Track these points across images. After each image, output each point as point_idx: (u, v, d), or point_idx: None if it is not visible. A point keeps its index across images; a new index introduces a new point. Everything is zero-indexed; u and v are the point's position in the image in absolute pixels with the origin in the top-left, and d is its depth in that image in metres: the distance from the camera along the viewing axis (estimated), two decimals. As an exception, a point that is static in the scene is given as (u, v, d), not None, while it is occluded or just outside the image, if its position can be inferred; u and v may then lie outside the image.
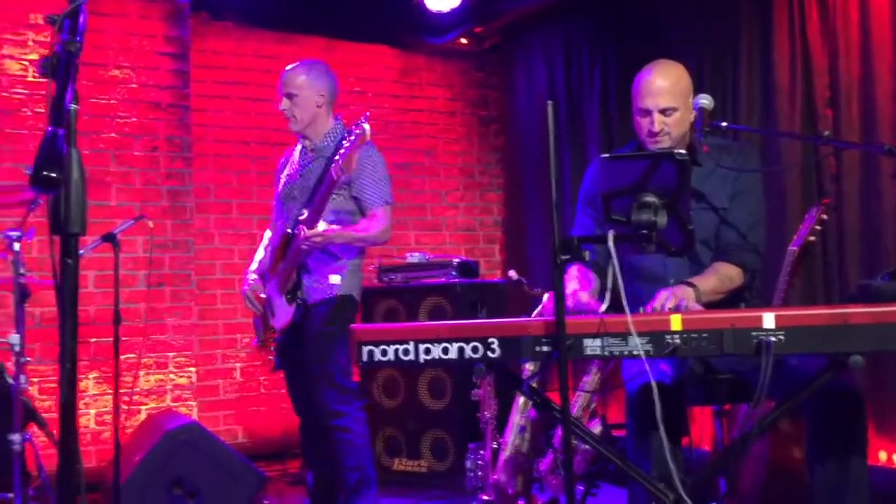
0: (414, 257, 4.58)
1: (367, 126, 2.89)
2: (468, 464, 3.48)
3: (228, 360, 5.00)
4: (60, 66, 1.35)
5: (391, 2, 5.08)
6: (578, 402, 3.16)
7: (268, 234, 3.53)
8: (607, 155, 2.23)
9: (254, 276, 3.41)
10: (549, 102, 1.92)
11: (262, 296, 3.35)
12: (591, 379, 3.19)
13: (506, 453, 3.26)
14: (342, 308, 3.24)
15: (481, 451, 3.42)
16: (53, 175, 1.19)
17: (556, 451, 3.13)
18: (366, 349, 2.14)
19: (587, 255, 1.97)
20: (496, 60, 5.91)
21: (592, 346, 2.00)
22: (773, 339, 1.88)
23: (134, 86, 4.62)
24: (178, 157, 4.73)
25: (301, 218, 3.13)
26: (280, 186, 3.43)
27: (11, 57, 4.34)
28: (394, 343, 2.12)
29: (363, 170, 3.16)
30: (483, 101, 5.95)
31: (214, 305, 4.98)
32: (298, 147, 3.40)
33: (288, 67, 3.32)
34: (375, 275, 4.56)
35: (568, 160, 5.13)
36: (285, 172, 3.44)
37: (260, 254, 3.48)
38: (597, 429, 3.11)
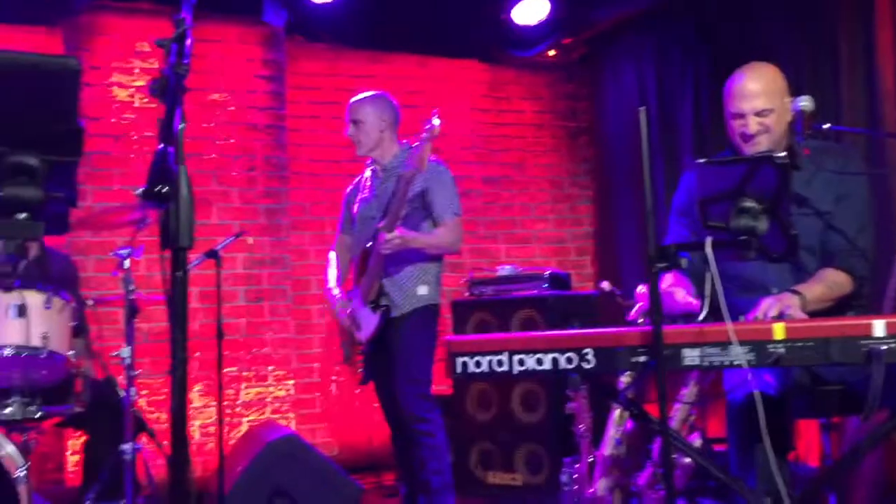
0: (505, 270, 4.58)
1: (436, 121, 3.09)
2: (563, 478, 3.44)
3: (325, 374, 5.10)
4: (169, 89, 1.41)
5: (480, 17, 5.12)
6: (677, 414, 3.09)
7: (332, 256, 3.66)
8: (704, 160, 2.18)
9: (337, 290, 3.55)
10: (642, 109, 1.90)
11: (349, 310, 3.46)
12: (690, 391, 3.12)
13: (602, 467, 3.21)
14: (427, 317, 3.38)
15: (577, 465, 3.38)
16: (165, 190, 1.25)
17: (654, 465, 3.06)
18: (459, 360, 2.16)
19: (684, 262, 1.94)
20: (584, 71, 5.87)
21: (691, 356, 1.96)
22: (883, 347, 1.80)
23: (232, 108, 4.79)
24: (274, 176, 4.88)
25: (379, 226, 3.25)
26: (356, 210, 3.59)
27: (120, 84, 4.57)
28: (488, 354, 2.13)
29: (433, 183, 3.33)
30: (571, 113, 5.92)
31: (310, 320, 5.10)
32: (368, 172, 3.60)
33: (353, 99, 3.54)
34: (466, 288, 4.58)
35: (661, 168, 5.05)
36: (358, 197, 3.60)
37: (332, 273, 3.61)
38: (696, 442, 3.03)
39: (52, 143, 1.22)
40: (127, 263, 3.17)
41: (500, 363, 2.12)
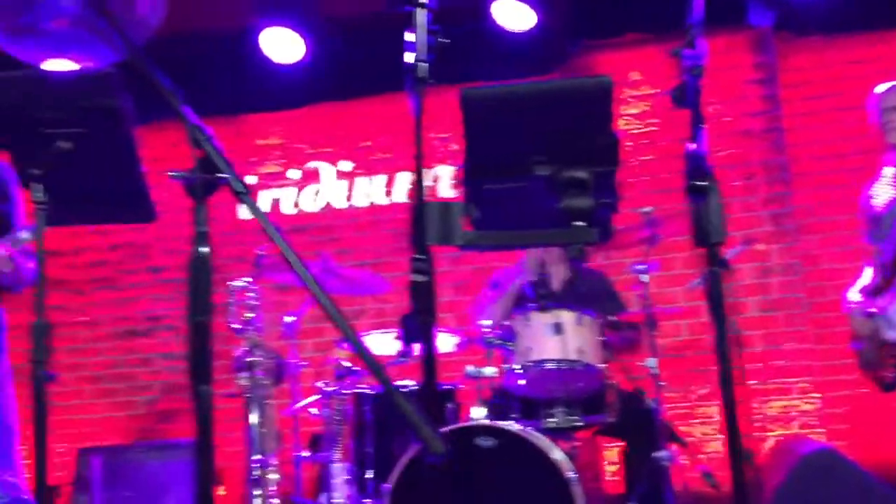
0: None
1: None
2: None
3: (856, 386, 4.68)
4: (688, 92, 1.47)
5: None
6: None
7: (868, 271, 3.35)
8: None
9: (857, 295, 3.26)
10: None
11: (871, 310, 3.16)
12: None
13: None
14: None
15: None
16: (703, 184, 1.29)
17: None
18: None
19: None
20: None
21: None
22: None
23: (728, 119, 4.75)
24: (775, 180, 4.70)
25: None
26: (882, 209, 3.28)
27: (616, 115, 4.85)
28: None
29: None
30: None
31: (833, 328, 4.74)
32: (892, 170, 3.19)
33: (882, 87, 3.33)
34: None
35: None
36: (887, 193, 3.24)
37: (867, 273, 3.31)
38: None
39: (594, 155, 1.35)
40: (645, 278, 3.32)
41: None
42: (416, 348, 1.36)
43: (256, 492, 3.15)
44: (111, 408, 5.38)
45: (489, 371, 3.27)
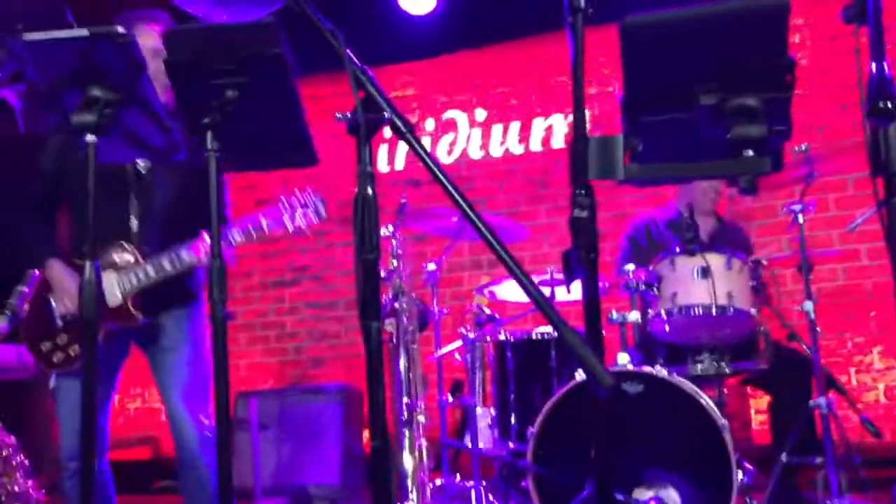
0: None
1: None
2: None
3: None
4: (869, 7, 1.36)
5: None
6: None
7: None
8: None
9: None
10: None
11: None
12: None
13: None
14: None
15: None
16: (888, 107, 1.21)
17: None
18: None
19: None
20: None
21: None
22: None
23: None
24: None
25: None
26: None
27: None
28: None
29: None
30: None
31: None
32: None
33: None
34: None
35: None
36: None
37: None
38: None
39: (767, 81, 1.28)
40: (801, 218, 3.16)
41: None
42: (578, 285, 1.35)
43: (406, 434, 3.25)
44: (263, 354, 5.66)
45: (633, 317, 3.22)
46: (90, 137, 1.58)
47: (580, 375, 3.24)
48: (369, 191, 1.31)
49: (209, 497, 2.54)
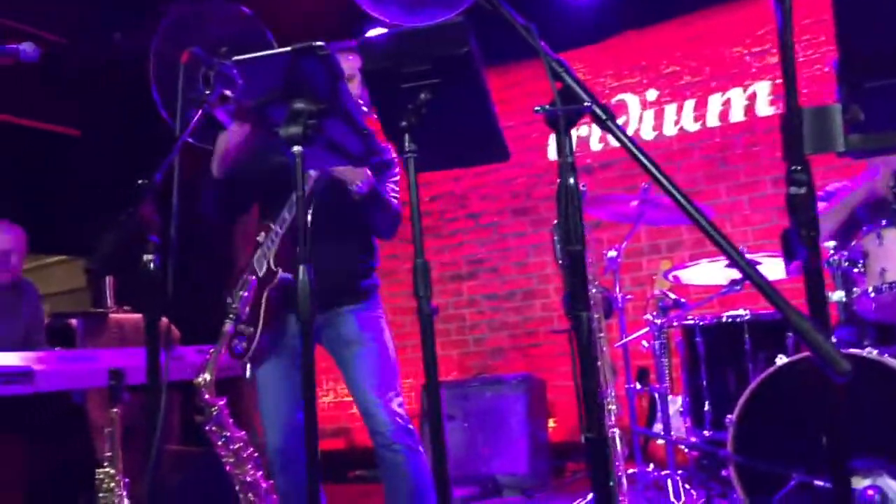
0: None
1: None
2: None
3: None
4: None
5: None
6: None
7: None
8: None
9: None
10: None
11: None
12: None
13: None
14: None
15: None
16: None
17: None
18: None
19: None
20: None
21: None
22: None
23: None
24: None
25: None
26: None
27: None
28: None
29: None
30: None
31: None
32: None
33: None
34: None
35: None
36: None
37: None
38: None
39: None
40: None
41: None
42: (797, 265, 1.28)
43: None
44: (445, 346, 5.79)
45: (836, 296, 3.03)
46: (297, 148, 1.66)
47: (781, 360, 3.09)
48: (571, 181, 1.30)
49: (408, 482, 2.62)
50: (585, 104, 1.28)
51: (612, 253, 3.78)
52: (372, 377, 2.67)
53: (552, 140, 5.57)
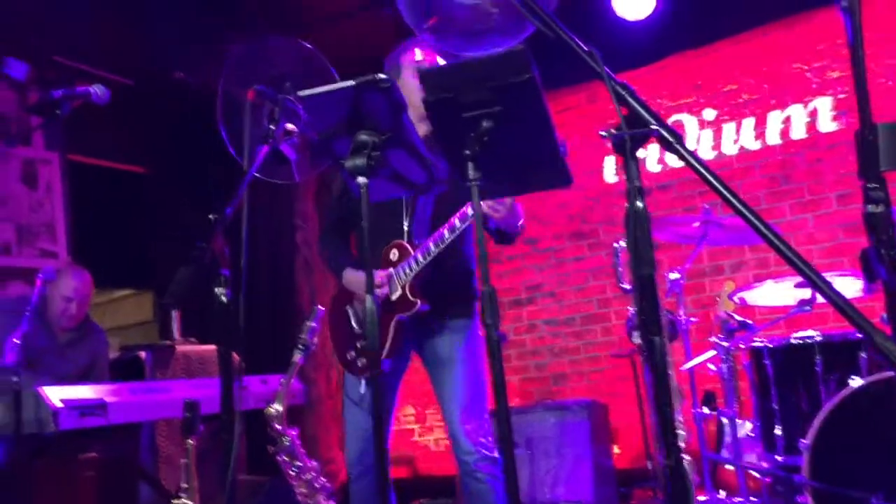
0: None
1: None
2: None
3: None
4: None
5: None
6: None
7: None
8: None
9: None
10: None
11: None
12: None
13: None
14: None
15: None
16: None
17: None
18: None
19: None
20: None
21: None
22: None
23: None
24: None
25: None
26: None
27: None
28: None
29: None
30: None
31: None
32: None
33: None
34: None
35: None
36: None
37: None
38: None
39: None
40: None
41: None
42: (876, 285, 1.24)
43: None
44: (507, 372, 5.74)
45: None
46: (362, 180, 1.69)
47: (855, 381, 2.99)
48: (639, 205, 1.29)
49: (489, 509, 2.60)
50: (652, 127, 1.28)
51: (675, 275, 3.72)
52: (462, 402, 2.66)
53: (607, 163, 5.57)
